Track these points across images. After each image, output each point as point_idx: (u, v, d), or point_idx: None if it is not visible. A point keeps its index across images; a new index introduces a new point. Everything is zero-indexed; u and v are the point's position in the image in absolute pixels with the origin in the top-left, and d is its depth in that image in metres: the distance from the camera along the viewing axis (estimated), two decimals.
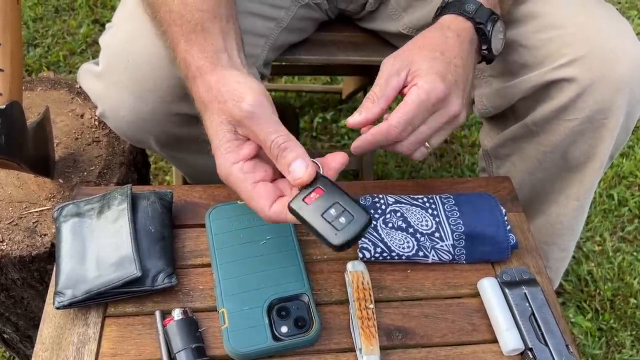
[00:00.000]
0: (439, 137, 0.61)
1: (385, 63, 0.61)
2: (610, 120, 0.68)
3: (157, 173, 1.36)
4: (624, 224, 1.33)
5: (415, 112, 0.57)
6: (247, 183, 0.52)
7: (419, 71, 0.58)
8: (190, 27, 0.57)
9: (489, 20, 0.63)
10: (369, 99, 0.59)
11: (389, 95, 0.59)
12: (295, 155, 0.50)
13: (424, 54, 0.60)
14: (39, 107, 0.87)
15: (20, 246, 0.72)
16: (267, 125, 0.51)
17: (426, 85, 0.57)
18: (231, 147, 0.53)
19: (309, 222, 0.50)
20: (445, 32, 0.62)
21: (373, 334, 0.56)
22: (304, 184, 0.50)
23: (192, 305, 0.59)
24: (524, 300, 0.60)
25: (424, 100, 0.56)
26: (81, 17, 1.67)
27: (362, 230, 0.50)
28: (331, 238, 0.49)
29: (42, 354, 0.55)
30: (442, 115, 0.59)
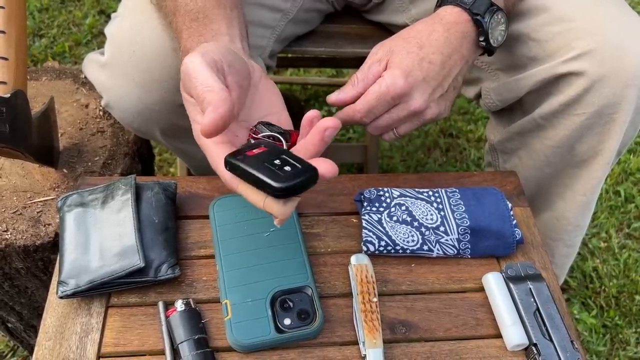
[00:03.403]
0: (405, 127, 0.63)
1: (373, 49, 0.64)
2: (619, 115, 0.67)
3: (162, 165, 1.36)
4: (630, 220, 1.32)
5: (374, 103, 0.60)
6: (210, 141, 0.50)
7: (390, 63, 0.61)
8: (193, 16, 0.56)
9: (487, 12, 0.62)
10: (351, 81, 0.62)
11: (368, 81, 0.61)
12: (207, 104, 0.45)
13: (403, 46, 0.61)
14: (43, 96, 0.87)
15: (24, 236, 0.72)
16: (195, 81, 0.47)
17: (388, 80, 0.59)
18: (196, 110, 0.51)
19: (247, 169, 0.45)
20: (434, 26, 0.62)
21: (376, 327, 0.56)
22: (208, 133, 0.44)
23: (195, 296, 0.59)
24: (528, 296, 0.59)
25: (383, 94, 0.59)
26: (87, 8, 1.66)
27: (308, 180, 0.44)
28: (273, 181, 0.43)
29: (45, 343, 0.55)
30: (402, 109, 0.61)
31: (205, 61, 0.48)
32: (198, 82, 0.47)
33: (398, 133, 0.64)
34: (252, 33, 0.73)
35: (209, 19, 0.56)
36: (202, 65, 0.48)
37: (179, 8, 0.57)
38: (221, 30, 0.56)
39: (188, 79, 0.49)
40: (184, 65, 0.49)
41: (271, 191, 0.44)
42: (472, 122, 1.51)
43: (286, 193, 0.44)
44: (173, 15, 0.59)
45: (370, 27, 0.94)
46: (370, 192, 0.66)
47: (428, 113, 0.62)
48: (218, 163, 0.49)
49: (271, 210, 0.46)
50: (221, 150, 0.49)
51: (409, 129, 0.64)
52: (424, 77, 0.60)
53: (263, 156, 0.46)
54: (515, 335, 0.57)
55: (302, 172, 0.45)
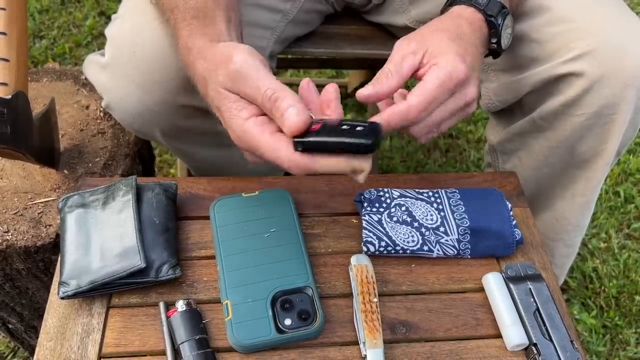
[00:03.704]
0: (449, 123, 0.58)
1: (399, 43, 0.58)
2: (619, 115, 0.67)
3: (162, 166, 1.36)
4: (630, 221, 1.32)
5: (436, 93, 0.53)
6: (265, 134, 0.49)
7: (438, 51, 0.55)
8: (193, 13, 0.56)
9: (500, 14, 0.62)
10: (383, 73, 0.55)
11: (403, 73, 0.55)
12: (287, 104, 0.47)
13: (441, 36, 0.57)
14: (44, 98, 0.87)
15: (25, 236, 0.72)
16: (256, 81, 0.49)
17: (448, 65, 0.54)
18: (239, 106, 0.51)
19: (330, 140, 0.46)
20: (458, 20, 0.60)
21: (377, 328, 0.56)
22: (299, 130, 0.47)
23: (196, 296, 0.59)
24: (528, 296, 0.59)
25: (445, 81, 0.53)
26: (87, 9, 1.67)
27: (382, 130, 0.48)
28: (362, 139, 0.46)
29: (46, 343, 0.55)
30: (459, 99, 0.56)
31: (259, 60, 0.50)
32: (261, 82, 0.48)
33: (440, 130, 0.58)
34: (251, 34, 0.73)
35: (209, 19, 0.56)
36: (260, 65, 0.50)
37: (179, 5, 0.57)
38: (222, 31, 0.56)
39: (244, 78, 0.49)
40: (235, 64, 0.49)
41: (363, 149, 0.46)
42: (472, 123, 1.51)
43: (375, 146, 0.47)
44: (171, 11, 0.58)
45: (370, 28, 0.94)
46: (370, 192, 0.66)
47: (473, 106, 0.58)
48: (281, 151, 0.48)
49: (362, 167, 0.48)
50: (279, 139, 0.49)
51: (452, 124, 0.59)
52: (473, 65, 0.56)
53: (328, 127, 0.47)
54: (515, 335, 0.57)
55: (372, 126, 0.48)
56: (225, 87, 0.51)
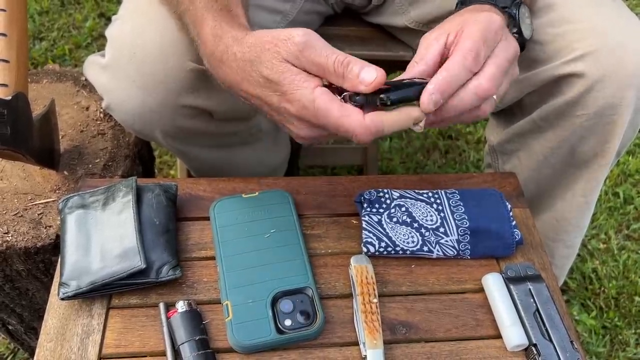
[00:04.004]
0: (505, 83, 0.56)
1: (423, 38, 0.58)
2: (619, 116, 0.67)
3: (162, 167, 1.36)
4: (630, 222, 1.32)
5: (481, 38, 0.52)
6: (335, 102, 0.50)
7: (464, 21, 0.55)
8: (218, 7, 0.57)
9: (513, 5, 0.61)
10: (409, 65, 0.56)
11: (428, 59, 0.55)
12: (361, 65, 0.49)
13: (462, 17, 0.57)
14: (44, 99, 0.87)
15: (25, 237, 0.72)
16: (324, 49, 0.50)
17: (482, 17, 0.54)
18: (303, 77, 0.51)
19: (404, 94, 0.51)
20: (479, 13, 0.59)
21: (377, 328, 0.56)
22: (380, 84, 0.50)
23: (196, 297, 0.59)
24: (528, 296, 0.59)
25: (485, 28, 0.53)
26: (87, 11, 1.67)
27: None
28: None
29: (46, 344, 0.55)
30: (508, 46, 0.55)
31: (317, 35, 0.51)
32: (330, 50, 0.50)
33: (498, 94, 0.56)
34: None
35: (233, 14, 0.57)
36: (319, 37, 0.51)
37: None
38: (247, 27, 0.57)
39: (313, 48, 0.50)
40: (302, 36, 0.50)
41: None
42: (471, 124, 1.51)
43: None
44: (191, 2, 0.58)
45: (369, 30, 0.94)
46: (370, 193, 0.66)
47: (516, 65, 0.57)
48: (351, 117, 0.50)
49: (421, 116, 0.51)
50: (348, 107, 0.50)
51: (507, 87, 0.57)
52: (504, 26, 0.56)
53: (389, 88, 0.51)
54: (515, 335, 0.57)
55: None
56: (288, 60, 0.51)
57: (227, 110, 0.73)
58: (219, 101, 0.70)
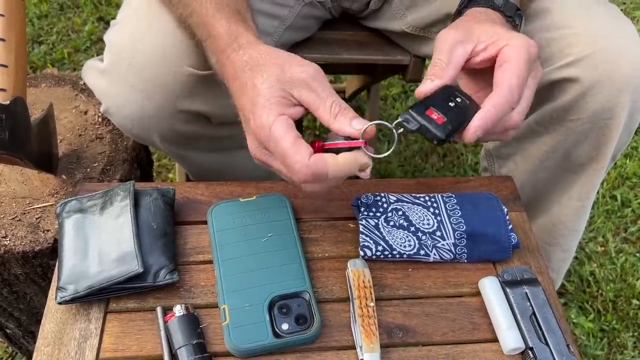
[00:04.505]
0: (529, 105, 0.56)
1: (442, 35, 0.56)
2: (613, 120, 0.68)
3: (160, 171, 1.37)
4: (627, 225, 1.33)
5: (525, 69, 0.52)
6: (290, 135, 0.50)
7: (498, 35, 0.54)
8: (229, 10, 0.57)
9: (517, 15, 0.62)
10: (436, 66, 0.54)
11: (456, 62, 0.54)
12: (355, 115, 0.52)
13: (487, 25, 0.56)
14: (42, 103, 0.87)
15: (23, 242, 0.73)
16: (330, 90, 0.52)
17: (523, 41, 0.53)
18: (281, 102, 0.52)
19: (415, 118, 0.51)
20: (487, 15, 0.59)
21: (374, 332, 0.56)
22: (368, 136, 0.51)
23: (194, 301, 0.59)
24: (524, 300, 0.60)
25: (527, 56, 0.52)
26: (86, 15, 1.67)
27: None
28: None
29: (44, 349, 0.56)
30: (537, 74, 0.55)
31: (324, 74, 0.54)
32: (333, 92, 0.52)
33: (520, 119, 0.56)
34: None
35: (245, 18, 0.58)
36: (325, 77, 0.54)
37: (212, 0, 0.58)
38: (255, 30, 0.58)
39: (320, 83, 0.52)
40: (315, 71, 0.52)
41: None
42: None
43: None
44: (200, 4, 0.59)
45: (367, 34, 0.95)
46: (367, 197, 0.66)
47: None
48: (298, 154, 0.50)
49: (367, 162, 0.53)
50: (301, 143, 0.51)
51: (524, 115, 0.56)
52: None
53: None
54: (512, 339, 0.57)
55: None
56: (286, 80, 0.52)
57: (225, 115, 0.73)
58: (217, 105, 0.70)
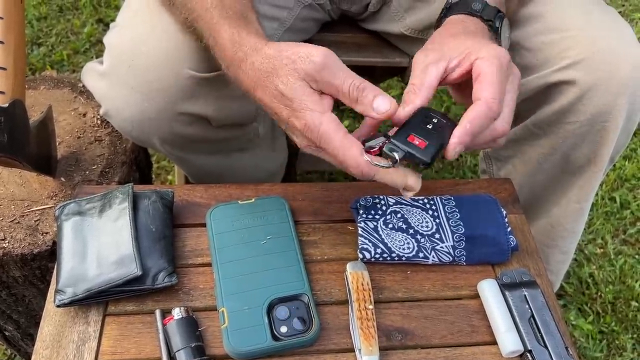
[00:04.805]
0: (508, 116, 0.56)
1: (417, 57, 0.57)
2: (611, 123, 0.68)
3: (160, 172, 1.37)
4: (626, 226, 1.33)
5: (499, 81, 0.52)
6: (339, 132, 0.51)
7: (468, 49, 0.55)
8: (232, 14, 0.57)
9: (497, 18, 0.62)
10: (410, 92, 0.55)
11: (429, 84, 0.54)
12: (376, 92, 0.51)
13: (461, 38, 0.57)
14: (41, 105, 0.87)
15: (21, 244, 0.73)
16: (341, 72, 0.52)
17: (493, 52, 0.53)
18: (315, 99, 0.52)
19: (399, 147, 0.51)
20: (463, 23, 0.61)
21: (372, 335, 0.56)
22: (391, 116, 0.51)
23: (192, 304, 0.59)
24: (523, 302, 0.60)
25: (499, 67, 0.53)
26: (85, 17, 1.67)
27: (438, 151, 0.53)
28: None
29: (42, 351, 0.55)
30: (514, 79, 0.55)
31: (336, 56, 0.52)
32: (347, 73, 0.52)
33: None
34: None
35: (248, 20, 0.58)
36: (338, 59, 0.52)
37: (214, 4, 0.58)
38: (261, 32, 0.58)
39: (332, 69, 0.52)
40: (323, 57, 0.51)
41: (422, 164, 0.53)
42: None
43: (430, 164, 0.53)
44: (205, 10, 0.58)
45: (365, 36, 0.95)
46: (366, 199, 0.66)
47: None
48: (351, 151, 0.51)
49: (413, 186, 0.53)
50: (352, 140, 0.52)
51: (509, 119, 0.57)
52: None
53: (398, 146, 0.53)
54: (510, 341, 0.57)
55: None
56: (305, 78, 0.52)
57: (225, 117, 0.73)
58: (217, 108, 0.71)
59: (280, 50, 0.53)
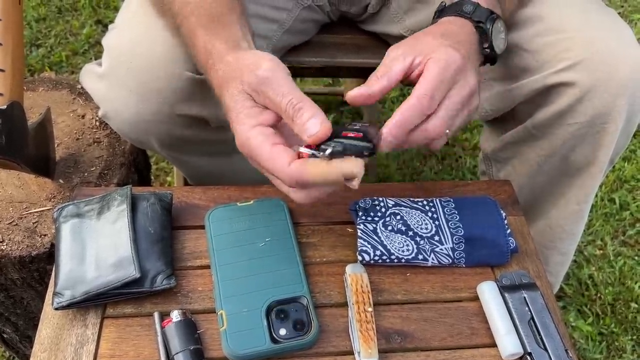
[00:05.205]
0: (459, 119, 0.57)
1: (389, 50, 0.59)
2: (611, 124, 0.68)
3: (159, 174, 1.36)
4: (626, 228, 1.33)
5: (438, 80, 0.53)
6: (266, 144, 0.51)
7: (429, 49, 0.56)
8: (209, 18, 0.57)
9: (488, 19, 0.62)
10: (372, 78, 0.56)
11: (392, 75, 0.56)
12: (310, 114, 0.50)
13: (430, 37, 0.59)
14: (40, 107, 0.87)
15: (20, 246, 0.72)
16: (282, 88, 0.51)
17: (443, 55, 0.55)
18: (251, 112, 0.52)
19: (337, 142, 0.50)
20: (446, 25, 0.62)
21: (372, 337, 0.56)
22: (320, 140, 0.50)
23: (191, 306, 0.59)
24: (523, 305, 0.59)
25: (443, 69, 0.54)
26: (84, 18, 1.67)
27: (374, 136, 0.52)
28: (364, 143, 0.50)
29: (40, 354, 0.55)
30: (462, 87, 0.55)
31: (285, 70, 0.52)
32: (287, 89, 0.51)
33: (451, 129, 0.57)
34: None
35: (225, 23, 0.57)
36: (287, 75, 0.52)
37: (193, 10, 0.58)
38: (239, 35, 0.57)
39: (272, 83, 0.51)
40: (265, 71, 0.51)
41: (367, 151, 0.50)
42: (468, 131, 1.51)
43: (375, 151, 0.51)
44: (185, 17, 0.59)
45: (365, 37, 0.95)
46: (365, 201, 0.66)
47: (475, 100, 0.58)
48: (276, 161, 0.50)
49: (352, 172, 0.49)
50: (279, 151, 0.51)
51: (462, 122, 0.58)
52: (469, 56, 0.57)
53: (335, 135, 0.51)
54: (510, 344, 0.57)
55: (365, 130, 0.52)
56: (247, 91, 0.52)
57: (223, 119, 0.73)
58: (215, 109, 0.70)
59: (237, 59, 0.54)
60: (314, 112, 0.50)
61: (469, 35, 0.61)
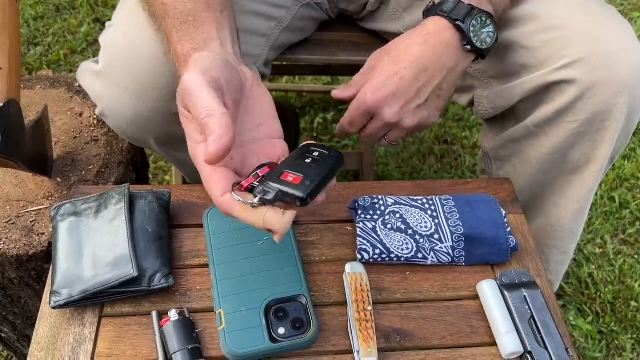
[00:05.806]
0: (392, 135, 0.69)
1: (372, 55, 0.70)
2: (611, 122, 0.68)
3: (157, 172, 1.36)
4: (625, 226, 1.32)
5: (354, 114, 0.68)
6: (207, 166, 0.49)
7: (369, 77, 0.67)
8: (182, 18, 0.56)
9: (468, 16, 0.64)
10: (352, 81, 0.69)
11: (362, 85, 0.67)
12: (211, 130, 0.46)
13: (384, 59, 0.67)
14: (37, 105, 0.87)
15: (17, 245, 0.72)
16: (200, 99, 0.47)
17: (360, 96, 0.66)
18: (190, 127, 0.50)
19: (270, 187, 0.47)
20: (413, 39, 0.66)
21: (371, 336, 0.56)
22: (212, 163, 0.46)
23: (189, 305, 0.59)
24: (523, 303, 0.59)
25: (355, 108, 0.67)
26: (82, 16, 1.67)
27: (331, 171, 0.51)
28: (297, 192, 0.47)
29: (37, 353, 0.55)
30: (377, 120, 0.67)
31: (206, 80, 0.48)
32: (199, 102, 0.47)
33: (389, 140, 0.70)
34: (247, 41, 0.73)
35: (199, 22, 0.56)
36: (204, 85, 0.48)
37: (169, 11, 0.57)
38: (211, 34, 0.56)
39: (188, 97, 0.48)
40: (183, 83, 0.49)
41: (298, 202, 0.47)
42: (467, 129, 1.51)
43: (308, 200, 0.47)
44: (162, 18, 0.59)
45: (364, 35, 0.94)
46: (364, 200, 0.66)
47: (405, 123, 0.67)
48: (212, 189, 0.49)
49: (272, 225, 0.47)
50: (217, 174, 0.49)
51: (395, 136, 0.69)
52: (393, 92, 0.65)
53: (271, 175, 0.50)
54: (510, 343, 0.56)
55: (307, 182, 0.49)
56: (180, 103, 0.50)
57: None
58: None
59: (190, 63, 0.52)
60: (216, 130, 0.45)
61: (445, 36, 0.65)
